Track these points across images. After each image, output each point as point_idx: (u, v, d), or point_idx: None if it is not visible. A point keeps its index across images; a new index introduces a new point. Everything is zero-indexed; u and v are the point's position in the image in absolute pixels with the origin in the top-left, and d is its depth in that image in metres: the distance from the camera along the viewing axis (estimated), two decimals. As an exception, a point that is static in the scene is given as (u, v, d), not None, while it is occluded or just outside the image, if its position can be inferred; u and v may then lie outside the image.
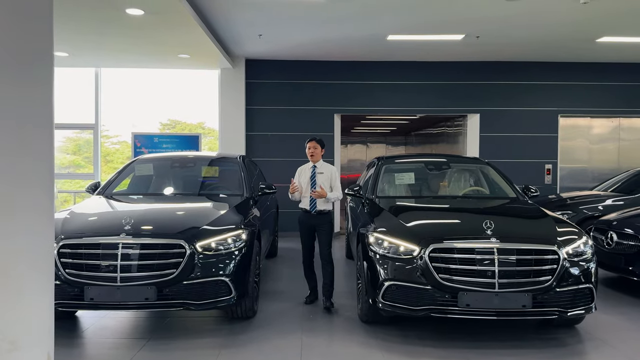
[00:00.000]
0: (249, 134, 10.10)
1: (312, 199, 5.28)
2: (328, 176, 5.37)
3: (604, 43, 8.60)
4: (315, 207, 5.28)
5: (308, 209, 5.31)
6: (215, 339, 4.34)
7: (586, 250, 4.30)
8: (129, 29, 7.28)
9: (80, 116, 10.37)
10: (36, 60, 2.48)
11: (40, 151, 2.48)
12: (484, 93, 10.21)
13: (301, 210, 5.42)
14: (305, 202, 5.36)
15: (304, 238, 5.46)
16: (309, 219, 5.34)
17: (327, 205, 5.35)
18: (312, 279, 5.51)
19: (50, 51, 2.59)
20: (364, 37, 8.31)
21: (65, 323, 4.69)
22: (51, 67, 2.60)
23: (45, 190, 2.51)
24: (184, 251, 4.17)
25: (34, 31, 2.47)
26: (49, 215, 2.53)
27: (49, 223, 2.55)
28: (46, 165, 2.52)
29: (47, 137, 2.53)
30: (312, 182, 5.30)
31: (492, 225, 4.22)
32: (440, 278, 4.01)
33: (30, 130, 2.43)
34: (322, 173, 5.36)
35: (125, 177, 6.04)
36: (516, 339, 4.37)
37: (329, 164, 5.55)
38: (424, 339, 4.33)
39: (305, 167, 5.46)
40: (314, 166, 5.38)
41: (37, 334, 2.48)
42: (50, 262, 2.57)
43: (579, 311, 4.13)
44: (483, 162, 6.39)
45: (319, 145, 5.38)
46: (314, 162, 5.39)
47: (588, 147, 10.59)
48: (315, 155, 5.36)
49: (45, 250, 2.51)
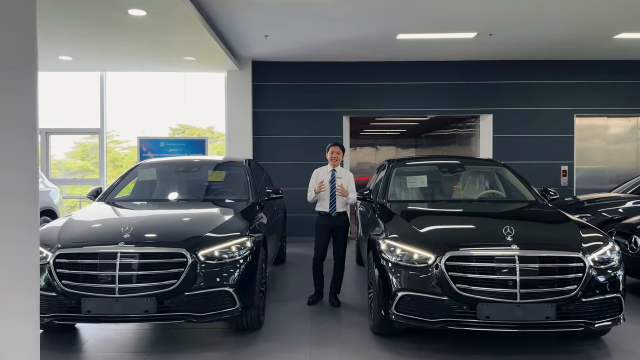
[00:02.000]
0: (256, 137, 9.90)
1: (332, 202, 5.43)
2: (346, 181, 5.53)
3: (622, 40, 8.30)
4: (335, 209, 5.44)
5: (328, 212, 5.45)
6: (219, 353, 4.12)
7: (613, 257, 4.03)
8: (132, 31, 7.12)
9: (89, 121, 10.29)
10: (19, 64, 2.29)
11: (22, 158, 2.28)
12: (497, 93, 9.93)
13: (319, 214, 5.53)
14: (324, 205, 5.48)
15: (320, 240, 5.52)
16: (329, 221, 5.47)
17: (345, 206, 5.50)
18: (320, 281, 5.58)
19: (34, 55, 2.40)
20: (372, 36, 8.09)
21: (63, 336, 4.50)
22: (35, 71, 2.42)
23: (28, 201, 2.31)
24: (185, 260, 3.95)
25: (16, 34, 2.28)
26: (32, 226, 2.33)
27: (33, 234, 2.35)
28: (29, 173, 2.32)
29: (30, 143, 2.34)
30: (332, 185, 5.46)
31: (513, 231, 3.96)
32: (457, 288, 3.76)
33: (12, 136, 2.24)
34: (341, 178, 5.52)
35: (127, 183, 5.85)
36: (539, 352, 4.10)
37: (346, 170, 5.71)
38: (440, 352, 4.08)
39: (324, 170, 5.59)
40: (334, 170, 5.53)
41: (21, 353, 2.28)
42: (34, 277, 2.37)
43: (606, 323, 3.86)
44: (499, 163, 6.12)
45: (342, 150, 5.58)
46: (334, 166, 5.53)
47: (605, 148, 10.26)
48: (338, 159, 5.53)
49: (28, 264, 2.31)
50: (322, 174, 5.56)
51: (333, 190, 5.44)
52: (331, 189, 5.45)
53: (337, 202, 5.44)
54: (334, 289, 5.51)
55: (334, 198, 5.45)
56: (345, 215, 5.54)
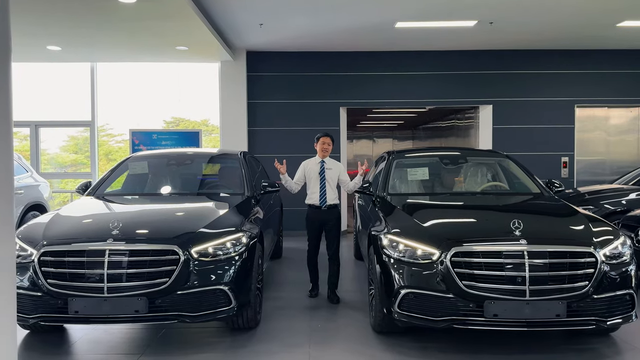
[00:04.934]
0: (251, 129, 9.68)
1: (322, 194, 5.26)
2: (337, 172, 5.37)
3: (625, 28, 8.11)
4: (326, 201, 5.27)
5: (318, 204, 5.28)
6: (215, 354, 3.93)
7: (624, 251, 3.86)
8: (122, 19, 6.87)
9: (81, 114, 10.04)
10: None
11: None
12: (497, 83, 9.73)
13: (309, 207, 5.36)
14: (314, 198, 5.31)
15: (311, 234, 5.39)
16: (319, 215, 5.30)
17: (336, 199, 5.35)
18: (315, 275, 5.50)
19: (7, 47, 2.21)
20: (370, 25, 7.86)
21: (51, 336, 4.30)
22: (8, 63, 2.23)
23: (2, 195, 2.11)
24: (177, 258, 3.75)
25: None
26: (7, 223, 2.14)
27: (8, 231, 2.15)
28: (3, 167, 2.12)
29: (4, 137, 2.15)
30: (321, 177, 5.29)
31: (521, 225, 3.78)
32: (463, 285, 3.58)
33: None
34: (331, 169, 5.36)
35: (118, 176, 5.64)
36: (548, 350, 3.93)
37: (335, 161, 5.51)
38: (445, 351, 3.90)
39: (312, 162, 5.42)
40: (323, 161, 5.36)
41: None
42: (9, 275, 2.18)
43: (618, 320, 3.69)
44: (502, 155, 5.94)
45: (332, 142, 5.43)
46: (324, 157, 5.36)
47: (606, 139, 10.09)
48: (328, 150, 5.37)
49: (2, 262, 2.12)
50: (310, 165, 5.40)
51: (323, 182, 5.27)
52: (321, 180, 5.28)
53: (327, 194, 5.27)
54: (332, 285, 5.35)
55: (324, 190, 5.28)
56: (336, 209, 5.37)
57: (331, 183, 5.30)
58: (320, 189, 5.28)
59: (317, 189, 5.28)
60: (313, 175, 5.32)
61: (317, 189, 5.28)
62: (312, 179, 5.33)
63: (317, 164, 5.35)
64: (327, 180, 5.28)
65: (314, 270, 5.48)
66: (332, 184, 5.31)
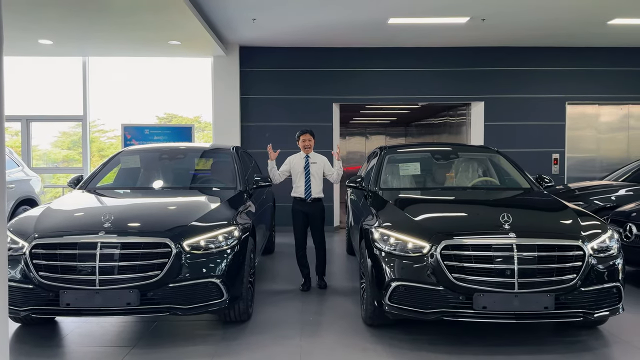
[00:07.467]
0: (244, 125, 9.68)
1: (307, 187, 5.50)
2: (321, 165, 5.60)
3: (616, 26, 8.19)
4: (310, 194, 5.50)
5: (303, 197, 5.51)
6: (206, 346, 3.94)
7: (612, 245, 3.91)
8: (113, 13, 6.84)
9: (73, 108, 9.98)
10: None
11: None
12: (489, 80, 9.79)
13: (295, 199, 5.60)
14: (299, 191, 5.55)
15: (297, 226, 5.58)
16: (304, 207, 5.53)
17: (320, 192, 5.57)
18: (305, 266, 5.61)
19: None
20: (363, 21, 7.88)
21: (42, 329, 4.30)
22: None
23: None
24: (169, 250, 3.76)
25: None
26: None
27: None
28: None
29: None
30: (305, 171, 5.53)
31: (510, 218, 3.83)
32: (453, 278, 3.62)
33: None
34: (315, 163, 5.58)
35: (110, 170, 5.63)
36: (536, 342, 3.99)
37: (320, 154, 5.70)
38: (435, 343, 3.95)
39: (297, 157, 5.64)
40: (307, 156, 5.58)
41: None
42: (1, 269, 2.18)
43: (605, 312, 3.75)
44: (493, 150, 5.99)
45: (313, 137, 5.60)
46: (307, 153, 5.57)
47: (596, 136, 10.19)
48: (310, 147, 5.58)
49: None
50: (296, 160, 5.62)
51: (308, 175, 5.51)
52: (305, 174, 5.51)
53: (312, 187, 5.50)
54: (320, 272, 5.63)
55: (308, 184, 5.51)
56: (320, 202, 5.58)
57: (316, 176, 5.53)
58: (305, 183, 5.51)
59: (303, 182, 5.52)
60: (299, 170, 5.54)
61: (303, 182, 5.52)
62: (298, 173, 5.55)
63: (302, 159, 5.58)
64: (312, 174, 5.51)
65: (304, 263, 5.61)
66: (318, 177, 5.55)
